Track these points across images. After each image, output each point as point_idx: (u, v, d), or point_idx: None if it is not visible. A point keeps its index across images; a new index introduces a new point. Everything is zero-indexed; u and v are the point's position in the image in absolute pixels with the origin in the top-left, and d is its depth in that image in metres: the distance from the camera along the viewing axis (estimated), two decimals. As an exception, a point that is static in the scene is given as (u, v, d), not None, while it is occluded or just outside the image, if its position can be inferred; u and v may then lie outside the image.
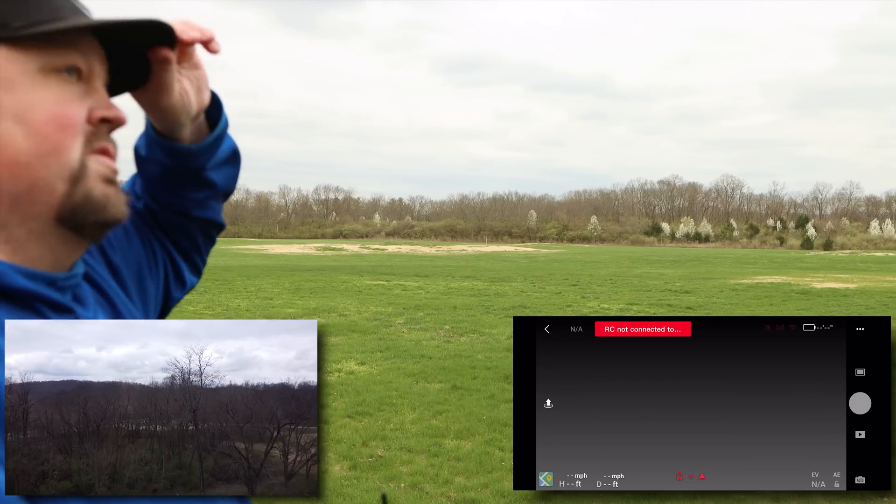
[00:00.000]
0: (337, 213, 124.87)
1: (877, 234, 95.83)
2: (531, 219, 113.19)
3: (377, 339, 10.37)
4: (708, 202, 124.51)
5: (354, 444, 5.53)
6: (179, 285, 1.05)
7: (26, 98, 0.68)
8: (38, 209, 0.71)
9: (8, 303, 0.69)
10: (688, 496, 0.88)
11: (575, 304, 15.97)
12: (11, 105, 0.68)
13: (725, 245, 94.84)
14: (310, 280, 20.92)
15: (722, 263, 38.28)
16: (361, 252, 48.59)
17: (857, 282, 23.80)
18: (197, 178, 0.97)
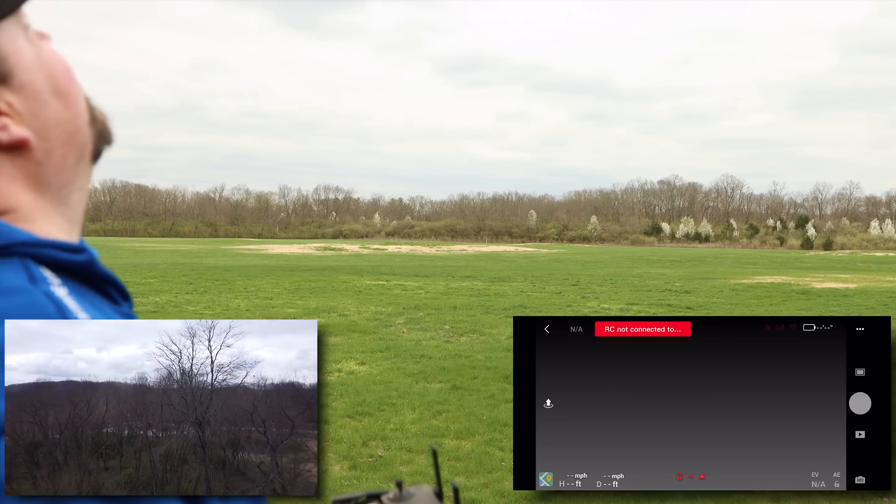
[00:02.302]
0: (337, 213, 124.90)
1: (877, 234, 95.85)
2: (531, 219, 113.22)
3: (377, 339, 10.37)
4: (708, 202, 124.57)
5: (354, 444, 5.53)
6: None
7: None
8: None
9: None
10: (688, 496, 0.88)
11: (575, 304, 15.97)
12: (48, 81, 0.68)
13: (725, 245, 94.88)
14: (310, 280, 20.92)
15: (722, 263, 38.29)
16: (361, 252, 48.60)
17: (857, 282, 23.81)
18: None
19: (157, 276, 21.41)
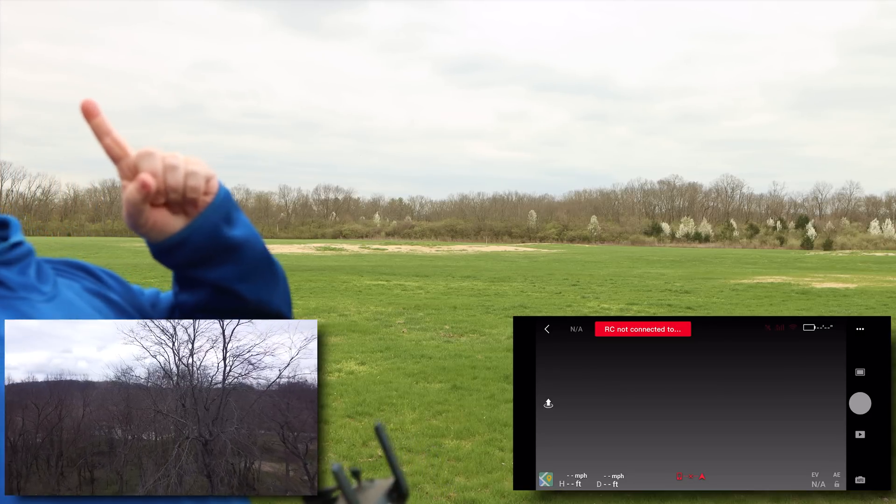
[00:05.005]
0: (337, 213, 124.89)
1: (877, 234, 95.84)
2: (531, 219, 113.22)
3: (377, 339, 10.37)
4: (708, 202, 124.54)
5: (354, 444, 5.53)
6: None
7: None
8: None
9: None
10: (688, 496, 0.88)
11: (575, 304, 15.97)
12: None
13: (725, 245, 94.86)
14: (310, 280, 20.92)
15: (722, 263, 38.29)
16: (361, 252, 48.60)
17: (857, 282, 23.80)
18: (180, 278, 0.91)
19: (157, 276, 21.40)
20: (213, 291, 0.88)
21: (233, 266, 0.87)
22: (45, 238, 74.65)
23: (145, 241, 0.85)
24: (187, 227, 0.83)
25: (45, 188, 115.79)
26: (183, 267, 0.87)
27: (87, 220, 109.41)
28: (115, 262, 28.17)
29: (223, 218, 0.85)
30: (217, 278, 0.87)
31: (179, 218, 0.83)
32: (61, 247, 45.80)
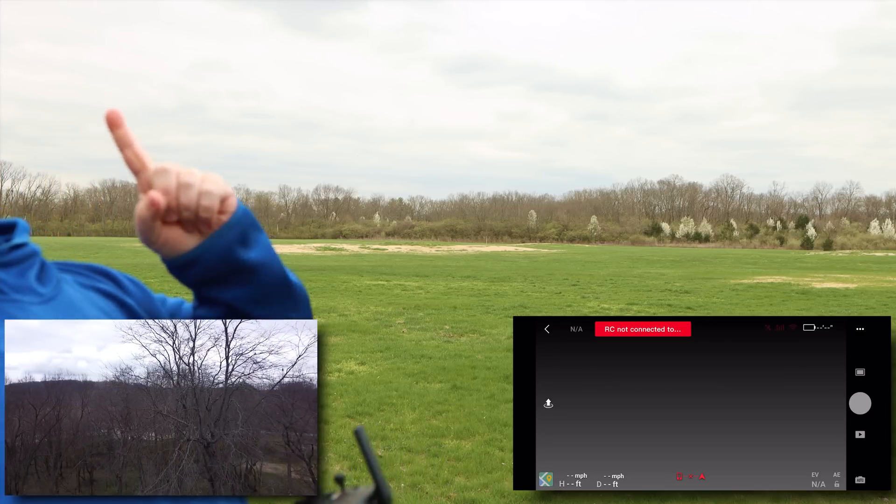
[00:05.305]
0: (337, 213, 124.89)
1: (877, 234, 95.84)
2: (531, 219, 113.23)
3: (377, 339, 10.37)
4: (708, 202, 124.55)
5: (354, 444, 5.52)
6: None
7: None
8: None
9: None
10: (688, 496, 0.88)
11: (575, 304, 15.97)
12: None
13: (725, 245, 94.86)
14: (310, 280, 20.91)
15: (722, 263, 38.29)
16: (361, 252, 48.60)
17: (857, 282, 23.81)
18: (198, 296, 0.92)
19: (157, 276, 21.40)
20: (228, 311, 0.88)
21: (248, 288, 0.87)
22: (46, 238, 74.60)
23: (159, 256, 0.85)
24: (199, 246, 0.83)
25: (45, 188, 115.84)
26: (197, 285, 0.87)
27: (87, 220, 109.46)
28: (116, 263, 28.17)
29: (238, 239, 0.85)
30: (231, 299, 0.87)
31: (193, 236, 0.83)
32: (61, 247, 45.79)
